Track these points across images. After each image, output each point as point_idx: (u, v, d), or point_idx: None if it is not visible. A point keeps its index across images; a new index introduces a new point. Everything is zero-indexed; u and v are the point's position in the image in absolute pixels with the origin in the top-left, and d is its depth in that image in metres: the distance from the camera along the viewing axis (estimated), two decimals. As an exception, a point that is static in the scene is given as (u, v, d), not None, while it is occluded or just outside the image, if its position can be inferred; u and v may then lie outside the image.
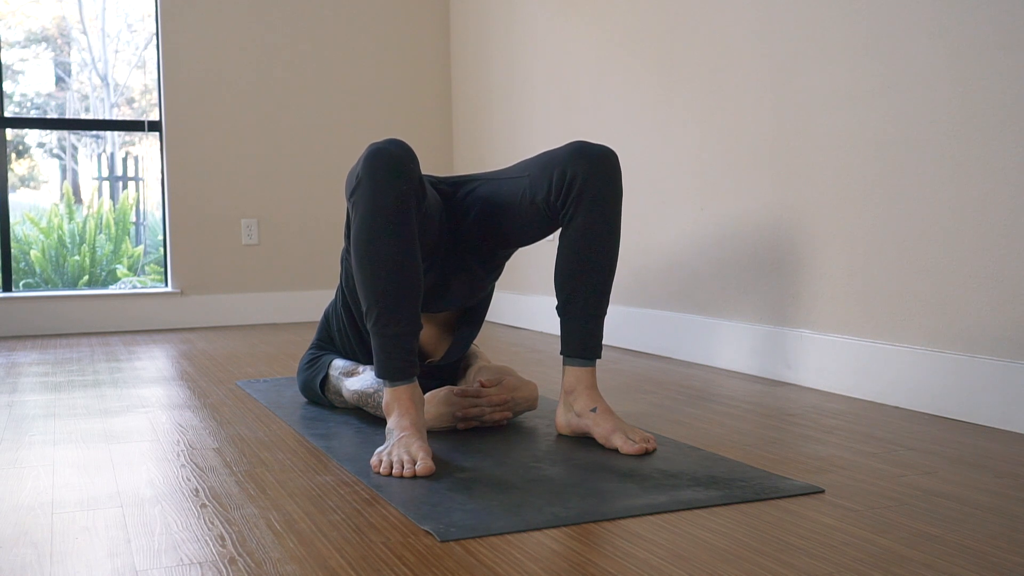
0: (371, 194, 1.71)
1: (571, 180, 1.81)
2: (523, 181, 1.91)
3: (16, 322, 3.85)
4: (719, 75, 2.70)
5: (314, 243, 4.26)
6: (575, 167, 1.81)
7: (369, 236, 1.70)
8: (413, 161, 1.74)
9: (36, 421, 2.11)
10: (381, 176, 1.70)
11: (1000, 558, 1.18)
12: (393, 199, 1.70)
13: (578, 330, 1.85)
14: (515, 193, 1.91)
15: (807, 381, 2.40)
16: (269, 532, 1.32)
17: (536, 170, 1.88)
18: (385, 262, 1.70)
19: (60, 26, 6.77)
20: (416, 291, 1.72)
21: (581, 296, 1.84)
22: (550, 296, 3.61)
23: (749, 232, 2.60)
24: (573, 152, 1.83)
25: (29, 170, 6.86)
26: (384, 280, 1.70)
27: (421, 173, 1.77)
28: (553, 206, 1.84)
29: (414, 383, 1.73)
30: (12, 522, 1.38)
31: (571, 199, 1.82)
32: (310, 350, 2.27)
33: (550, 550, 1.23)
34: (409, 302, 1.71)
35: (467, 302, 2.10)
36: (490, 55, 4.11)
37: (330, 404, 2.17)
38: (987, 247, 1.94)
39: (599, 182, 1.81)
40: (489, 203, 1.95)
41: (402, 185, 1.71)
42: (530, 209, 1.88)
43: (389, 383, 1.73)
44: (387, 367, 1.72)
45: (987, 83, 1.93)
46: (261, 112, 4.19)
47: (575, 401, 1.84)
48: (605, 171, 1.82)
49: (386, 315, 1.70)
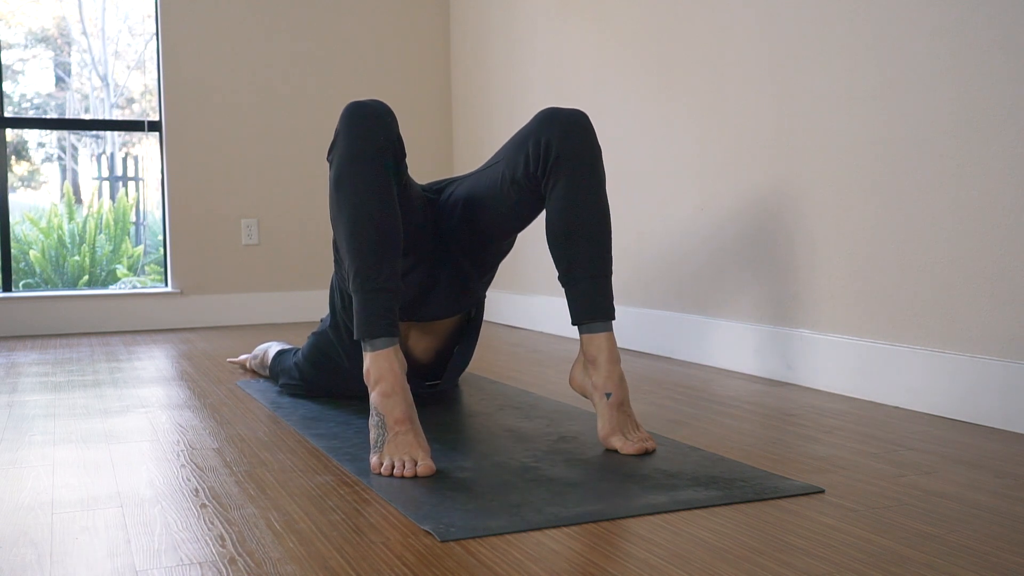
0: (348, 142, 1.71)
1: (547, 146, 1.79)
2: (499, 167, 1.90)
3: (16, 322, 3.85)
4: (719, 75, 2.70)
5: (314, 243, 4.26)
6: (548, 132, 1.79)
7: (346, 184, 1.69)
8: (391, 116, 1.75)
9: (36, 421, 2.11)
10: (358, 126, 1.71)
11: (1000, 558, 1.18)
12: (371, 147, 1.70)
13: (586, 291, 1.78)
14: (494, 180, 1.90)
15: (807, 381, 2.40)
16: (269, 532, 1.32)
17: (511, 150, 1.87)
18: (363, 212, 1.67)
19: (60, 26, 6.77)
20: (396, 246, 1.69)
21: (583, 258, 1.78)
22: (550, 296, 3.61)
23: (749, 232, 2.60)
24: (543, 120, 1.82)
25: (29, 170, 6.86)
26: (363, 230, 1.67)
27: (399, 134, 1.76)
28: (534, 178, 1.82)
29: (396, 345, 1.66)
30: (12, 522, 1.38)
31: (550, 165, 1.79)
32: (312, 336, 2.27)
33: (550, 550, 1.23)
34: (389, 255, 1.67)
35: (459, 305, 2.08)
36: (490, 55, 4.11)
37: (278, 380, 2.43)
38: (987, 247, 1.94)
39: (575, 141, 1.79)
40: (471, 198, 1.94)
41: (380, 135, 1.71)
42: (512, 191, 1.86)
43: (369, 344, 1.66)
44: (366, 324, 1.65)
45: (987, 83, 1.93)
46: (261, 112, 4.19)
47: (595, 372, 1.77)
48: (578, 131, 1.80)
49: (365, 270, 1.66)
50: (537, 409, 2.12)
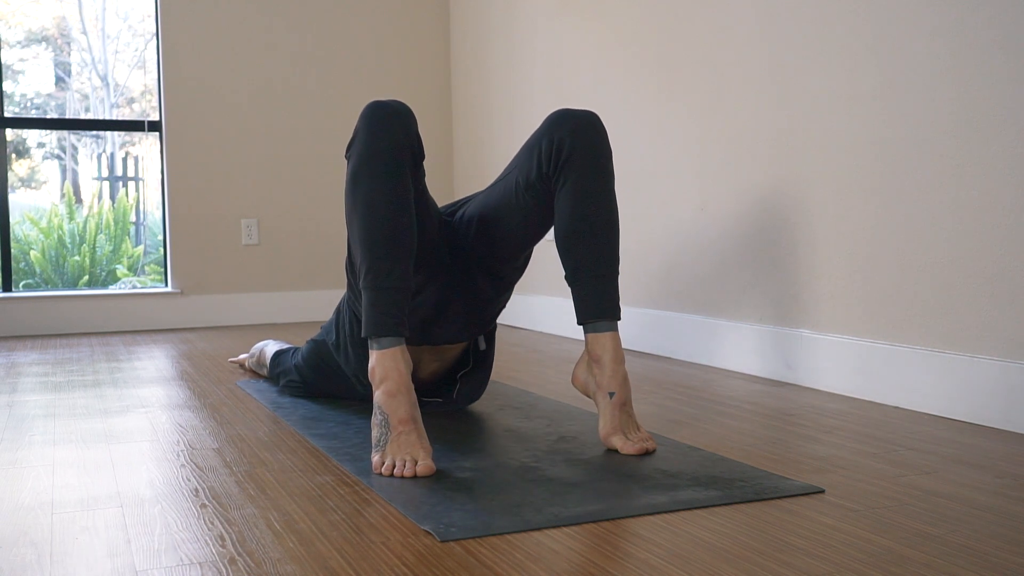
0: (367, 139, 1.71)
1: (559, 144, 1.80)
2: (512, 175, 1.90)
3: (16, 322, 3.85)
4: (719, 75, 2.70)
5: (314, 243, 4.27)
6: (560, 132, 1.80)
7: (363, 179, 1.68)
8: (411, 116, 1.75)
9: (36, 421, 2.11)
10: (377, 124, 1.71)
11: (1000, 558, 1.18)
12: (389, 145, 1.70)
13: (592, 291, 1.78)
14: (508, 190, 1.90)
15: (807, 381, 2.40)
16: (269, 532, 1.32)
17: (522, 156, 1.87)
18: (378, 207, 1.67)
19: (60, 26, 6.77)
20: (409, 245, 1.69)
21: (590, 257, 1.78)
22: (550, 296, 3.61)
23: (749, 232, 2.60)
24: (554, 120, 1.83)
25: (29, 170, 6.86)
26: (377, 226, 1.66)
27: (419, 135, 1.76)
28: (548, 178, 1.82)
29: (402, 345, 1.66)
30: (12, 522, 1.38)
31: (562, 162, 1.79)
32: (310, 341, 2.26)
33: (550, 550, 1.23)
34: (401, 253, 1.67)
35: (474, 328, 2.04)
36: (490, 55, 4.11)
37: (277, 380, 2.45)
38: (987, 247, 1.94)
39: (586, 140, 1.79)
40: (485, 212, 1.93)
41: (399, 134, 1.71)
42: (526, 197, 1.86)
43: (376, 343, 1.65)
44: (374, 320, 1.64)
45: (987, 83, 1.93)
46: (261, 112, 4.19)
47: (599, 371, 1.76)
48: (590, 130, 1.81)
49: (376, 266, 1.65)
50: (537, 409, 2.12)
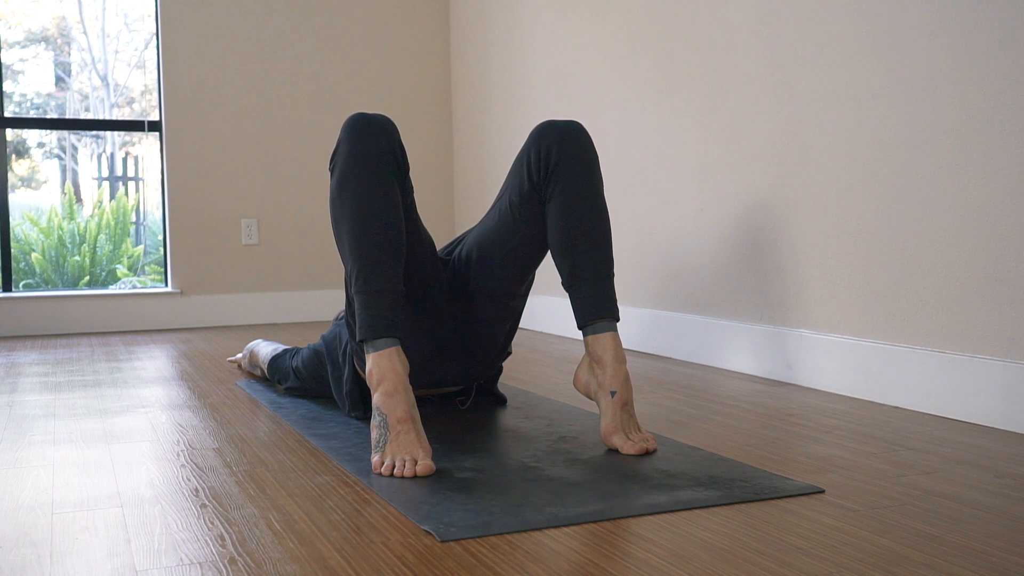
0: (350, 148, 1.73)
1: (546, 153, 1.83)
2: (504, 197, 1.93)
3: (16, 322, 3.85)
4: (719, 75, 2.70)
5: (314, 243, 4.27)
6: (547, 141, 1.84)
7: (349, 185, 1.70)
8: (393, 126, 1.78)
9: (36, 421, 2.11)
10: (361, 133, 1.74)
11: (1000, 558, 1.18)
12: (373, 152, 1.72)
13: (590, 294, 1.79)
14: (503, 212, 1.93)
15: (807, 381, 2.40)
16: (269, 532, 1.32)
17: (512, 175, 1.91)
18: (365, 211, 1.68)
19: (60, 26, 6.77)
20: (399, 248, 1.70)
21: (585, 262, 1.80)
22: (550, 296, 3.61)
23: (749, 232, 2.60)
24: (540, 132, 1.87)
25: (29, 170, 6.86)
26: (366, 230, 1.67)
27: (402, 144, 1.78)
28: (538, 187, 1.85)
29: (397, 346, 1.66)
30: (12, 522, 1.38)
31: (551, 170, 1.83)
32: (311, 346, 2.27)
33: (550, 550, 1.23)
34: (391, 256, 1.68)
35: (474, 369, 2.05)
36: (490, 55, 4.11)
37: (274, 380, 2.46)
38: (987, 247, 1.94)
39: (573, 146, 1.84)
40: (483, 240, 1.96)
41: (382, 141, 1.74)
42: (521, 213, 1.89)
43: (372, 346, 1.65)
44: (368, 323, 1.64)
45: (987, 83, 1.93)
46: (261, 112, 4.19)
47: (601, 371, 1.76)
48: (576, 137, 1.85)
49: (366, 271, 1.66)
50: (537, 409, 2.12)
